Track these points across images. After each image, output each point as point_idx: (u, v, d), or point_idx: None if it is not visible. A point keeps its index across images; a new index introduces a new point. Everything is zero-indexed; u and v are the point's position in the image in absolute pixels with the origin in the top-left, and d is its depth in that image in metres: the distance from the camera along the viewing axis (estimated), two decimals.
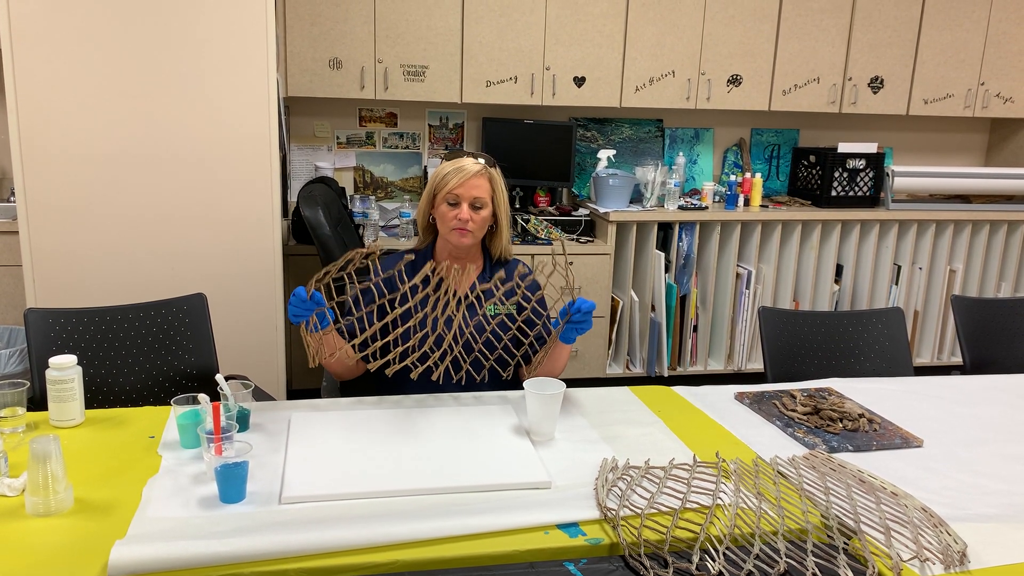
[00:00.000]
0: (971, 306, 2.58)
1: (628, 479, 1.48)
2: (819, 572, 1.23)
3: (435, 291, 1.91)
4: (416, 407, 1.80)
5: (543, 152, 3.98)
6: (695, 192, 4.32)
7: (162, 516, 1.31)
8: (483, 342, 1.97)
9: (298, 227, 3.57)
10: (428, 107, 4.08)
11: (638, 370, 3.98)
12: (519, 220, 3.83)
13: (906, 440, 1.73)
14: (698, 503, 1.41)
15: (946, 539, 1.32)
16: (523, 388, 1.67)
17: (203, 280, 2.70)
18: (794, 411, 1.85)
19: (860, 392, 2.02)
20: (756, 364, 4.09)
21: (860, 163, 4.08)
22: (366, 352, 1.82)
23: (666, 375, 3.98)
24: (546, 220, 3.88)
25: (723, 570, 1.22)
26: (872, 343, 2.40)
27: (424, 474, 1.47)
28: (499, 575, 1.21)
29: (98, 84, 2.54)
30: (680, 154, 4.21)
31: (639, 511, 1.37)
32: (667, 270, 3.91)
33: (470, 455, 1.56)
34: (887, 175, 4.09)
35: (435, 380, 1.80)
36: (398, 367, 1.78)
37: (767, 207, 4.08)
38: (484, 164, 1.94)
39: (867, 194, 4.12)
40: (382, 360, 1.76)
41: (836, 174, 4.06)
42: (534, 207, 4.04)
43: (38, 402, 1.83)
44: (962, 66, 4.21)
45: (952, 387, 2.09)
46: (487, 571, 1.22)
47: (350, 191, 4.07)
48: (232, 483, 1.36)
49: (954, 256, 4.20)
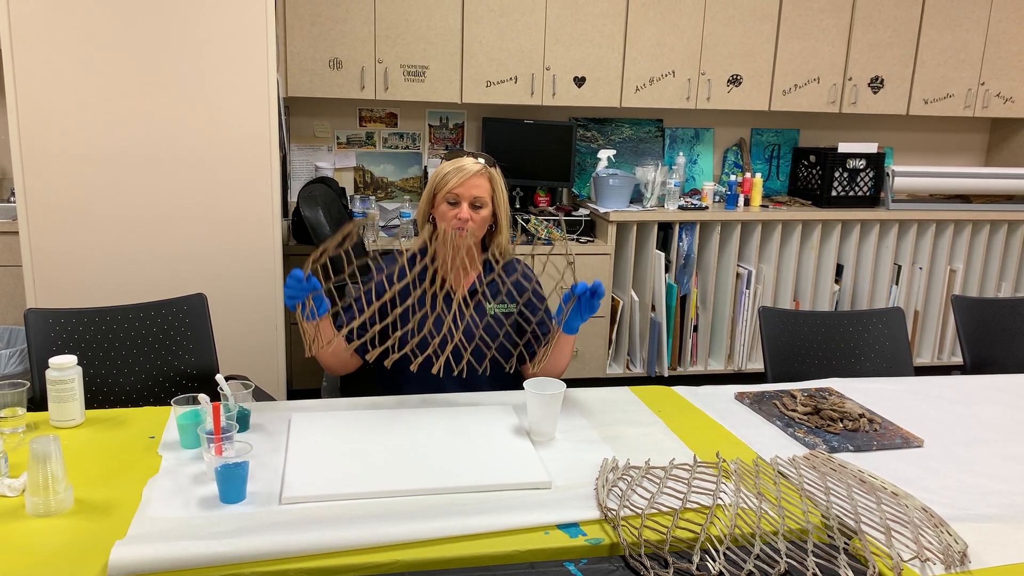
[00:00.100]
0: (971, 306, 2.58)
1: (628, 479, 1.48)
2: (820, 572, 1.23)
3: (432, 285, 1.91)
4: (416, 407, 1.80)
5: (543, 152, 3.98)
6: (695, 192, 4.32)
7: (162, 516, 1.31)
8: (483, 327, 1.96)
9: (298, 227, 3.57)
10: (428, 107, 4.07)
11: (638, 370, 3.98)
12: (519, 220, 3.83)
13: (906, 440, 1.73)
14: (698, 503, 1.41)
15: (947, 539, 1.32)
16: (523, 388, 1.67)
17: (203, 280, 2.70)
18: (794, 411, 1.85)
19: (860, 392, 2.02)
20: (756, 364, 4.09)
21: (860, 163, 4.08)
22: (363, 339, 1.81)
23: (666, 375, 3.98)
24: (546, 220, 3.87)
25: (723, 570, 1.22)
26: (872, 343, 2.40)
27: (424, 474, 1.47)
28: (499, 575, 1.21)
29: (98, 84, 2.54)
30: (680, 154, 4.21)
31: (639, 511, 1.37)
32: (667, 270, 3.91)
33: (470, 455, 1.55)
34: (887, 175, 4.09)
35: (435, 373, 1.79)
36: (397, 356, 1.77)
37: (767, 207, 4.08)
38: (484, 164, 1.94)
39: (867, 194, 4.12)
40: (381, 348, 1.76)
41: (836, 174, 4.06)
42: (534, 207, 4.04)
43: (38, 402, 1.83)
44: (962, 66, 4.21)
45: (952, 387, 2.09)
46: (487, 571, 1.22)
47: (350, 191, 4.07)
48: (232, 483, 1.36)
49: (954, 256, 4.20)
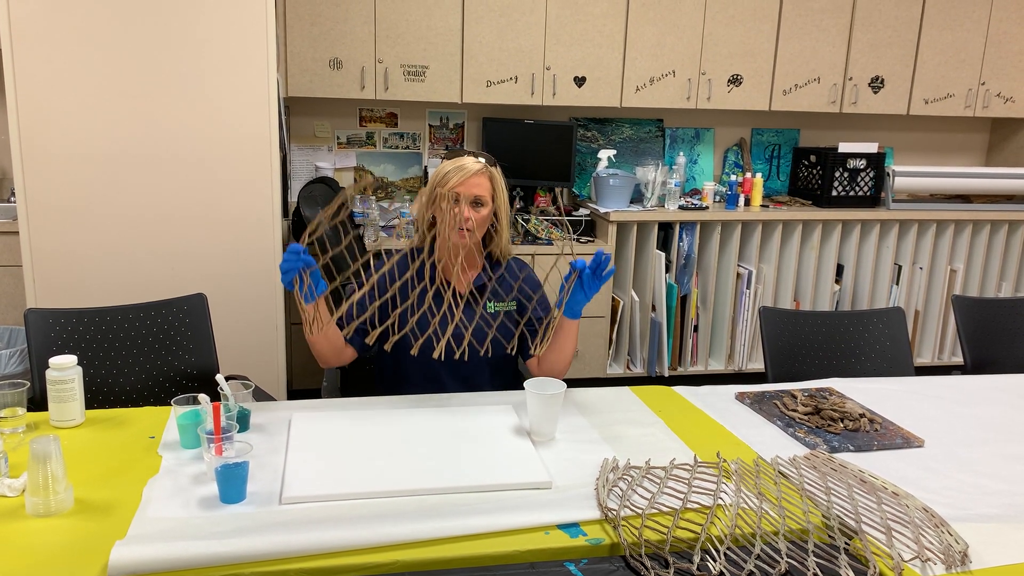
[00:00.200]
0: (972, 306, 2.58)
1: (629, 479, 1.48)
2: (820, 572, 1.23)
3: (432, 282, 1.91)
4: (417, 407, 1.79)
5: (543, 152, 3.98)
6: (695, 192, 4.32)
7: (162, 516, 1.31)
8: (483, 319, 1.97)
9: (298, 227, 3.57)
10: (428, 107, 4.07)
11: (639, 370, 3.97)
12: (519, 220, 3.83)
13: (907, 440, 1.72)
14: (699, 503, 1.41)
15: (947, 539, 1.31)
16: (524, 388, 1.67)
17: (203, 280, 2.70)
18: (795, 411, 1.85)
19: (861, 392, 2.02)
20: (757, 364, 4.08)
21: (861, 163, 4.08)
22: (363, 317, 1.80)
23: (667, 375, 3.98)
24: (546, 220, 3.87)
25: (724, 570, 1.22)
26: (873, 343, 2.40)
27: (425, 474, 1.47)
28: (500, 575, 1.21)
29: (98, 84, 2.54)
30: (680, 154, 4.20)
31: (640, 511, 1.36)
32: (667, 270, 3.91)
33: (471, 455, 1.55)
34: (888, 175, 4.09)
35: (436, 357, 1.78)
36: (397, 337, 1.77)
37: (768, 207, 4.08)
38: (485, 163, 1.94)
39: (868, 194, 4.12)
40: (380, 328, 1.77)
41: (837, 174, 4.06)
42: (534, 206, 4.04)
43: (38, 402, 1.82)
44: (963, 66, 4.20)
45: (953, 387, 2.09)
46: (488, 571, 1.22)
47: (348, 191, 4.07)
48: (232, 483, 1.36)
49: (955, 256, 4.19)
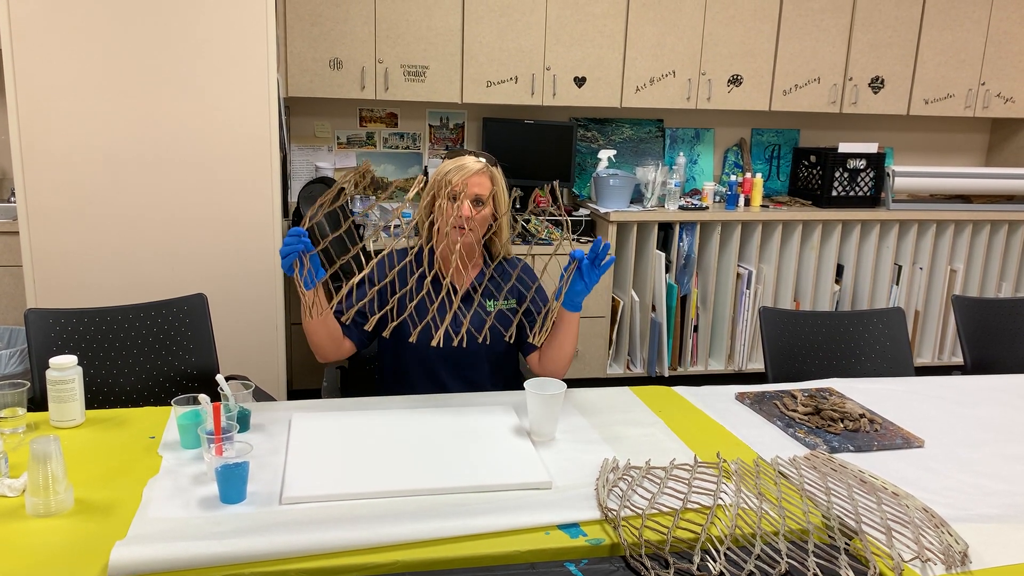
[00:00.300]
0: (972, 306, 2.58)
1: (629, 479, 1.48)
2: (820, 572, 1.23)
3: (430, 272, 1.92)
4: (417, 407, 1.79)
5: (543, 152, 3.98)
6: (695, 192, 4.32)
7: (162, 517, 1.31)
8: (482, 303, 1.97)
9: (298, 226, 3.56)
10: (428, 107, 4.07)
11: (639, 370, 3.97)
12: (519, 220, 3.83)
13: (907, 440, 1.72)
14: (699, 503, 1.41)
15: (947, 539, 1.31)
16: (524, 387, 1.67)
17: (203, 280, 2.70)
18: (795, 411, 1.85)
19: (861, 392, 2.02)
20: (757, 364, 4.08)
21: (861, 163, 4.08)
22: (361, 303, 1.80)
23: (667, 375, 3.98)
24: (546, 220, 3.87)
25: (724, 570, 1.22)
26: (873, 343, 2.40)
27: (425, 474, 1.47)
28: (500, 575, 1.21)
29: (98, 84, 2.54)
30: (680, 154, 4.20)
31: (640, 511, 1.36)
32: (667, 270, 3.91)
33: (471, 455, 1.55)
34: (888, 175, 4.09)
35: (435, 345, 1.76)
36: (396, 323, 1.78)
37: (768, 207, 4.08)
38: (485, 163, 1.95)
39: (868, 194, 4.12)
40: (379, 313, 1.77)
41: (837, 174, 4.06)
42: (533, 204, 4.04)
43: (38, 402, 1.82)
44: (963, 66, 4.20)
45: (953, 387, 2.09)
46: (488, 571, 1.22)
47: (350, 191, 4.06)
48: (232, 483, 1.36)
49: (955, 256, 4.19)
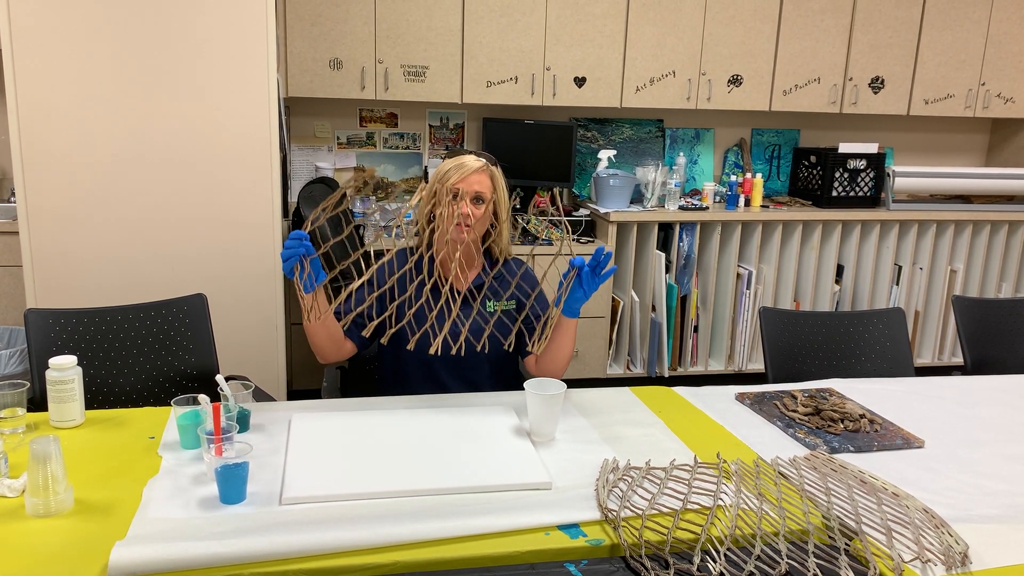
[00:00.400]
0: (972, 306, 2.58)
1: (629, 480, 1.48)
2: (821, 573, 1.23)
3: (430, 278, 1.91)
4: (417, 407, 1.79)
5: (543, 152, 3.98)
6: (696, 192, 4.32)
7: (162, 517, 1.31)
8: (481, 318, 1.97)
9: (298, 228, 3.57)
10: (428, 107, 4.07)
11: (639, 371, 3.97)
12: (519, 220, 3.83)
13: (907, 441, 1.72)
14: (699, 504, 1.41)
15: (948, 540, 1.31)
16: (524, 388, 1.67)
17: (203, 281, 2.70)
18: (795, 412, 1.85)
19: (861, 393, 2.02)
20: (757, 365, 4.08)
21: (861, 163, 4.08)
22: (359, 309, 1.79)
23: (667, 375, 3.98)
24: (546, 220, 3.87)
25: (724, 571, 1.22)
26: (873, 343, 2.40)
27: (425, 475, 1.47)
28: None
29: (98, 84, 2.54)
30: (681, 154, 4.20)
31: (640, 512, 1.36)
32: (667, 270, 3.91)
33: (471, 456, 1.55)
34: (888, 175, 4.09)
35: (433, 353, 1.76)
36: (394, 329, 1.78)
37: (768, 207, 4.08)
38: (485, 162, 1.95)
39: (868, 194, 4.12)
40: (378, 320, 1.77)
41: (837, 174, 4.06)
42: (534, 207, 4.04)
43: (38, 403, 1.82)
44: (963, 66, 4.20)
45: (953, 387, 2.09)
46: (488, 572, 1.22)
47: (349, 191, 4.07)
48: (232, 484, 1.36)
49: (955, 256, 4.19)
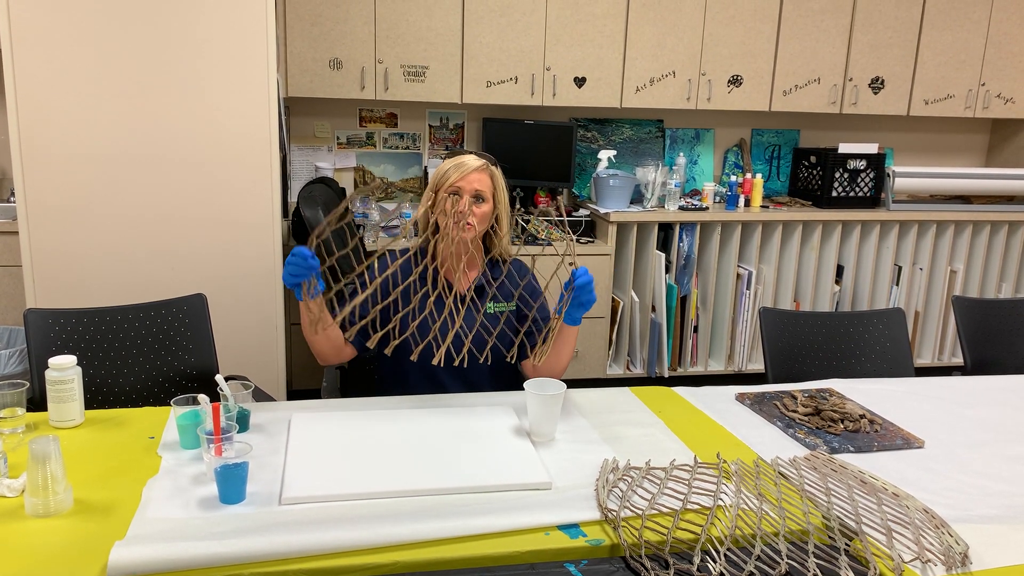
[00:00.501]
0: (972, 307, 2.58)
1: (629, 480, 1.48)
2: (821, 573, 1.23)
3: (433, 285, 1.91)
4: (417, 407, 1.79)
5: (543, 152, 3.98)
6: (696, 193, 4.32)
7: (162, 517, 1.31)
8: (483, 312, 1.97)
9: (298, 228, 3.57)
10: (428, 107, 4.07)
11: (638, 371, 3.97)
12: (519, 220, 3.83)
13: (907, 441, 1.72)
14: (699, 504, 1.41)
15: (948, 540, 1.31)
16: (524, 388, 1.67)
17: (203, 280, 2.70)
18: (795, 412, 1.85)
19: (861, 393, 2.02)
20: (757, 365, 4.08)
21: (861, 164, 4.08)
22: (363, 323, 1.78)
23: (666, 376, 3.98)
24: (547, 221, 3.87)
25: (724, 571, 1.22)
26: (873, 344, 2.40)
27: (425, 475, 1.47)
28: None
29: (98, 84, 2.54)
30: (680, 154, 4.20)
31: (640, 512, 1.36)
32: (667, 271, 3.91)
33: (470, 456, 1.55)
34: (888, 176, 4.09)
35: (436, 364, 1.77)
36: (398, 341, 1.77)
37: (768, 208, 4.08)
38: (485, 162, 1.95)
39: (868, 195, 4.12)
40: (381, 332, 1.77)
41: (837, 175, 4.06)
42: (534, 207, 4.04)
43: (38, 403, 1.82)
44: (963, 67, 4.20)
45: (953, 388, 2.09)
46: (488, 572, 1.22)
47: (350, 191, 4.07)
48: (232, 484, 1.36)
49: (955, 257, 4.19)
